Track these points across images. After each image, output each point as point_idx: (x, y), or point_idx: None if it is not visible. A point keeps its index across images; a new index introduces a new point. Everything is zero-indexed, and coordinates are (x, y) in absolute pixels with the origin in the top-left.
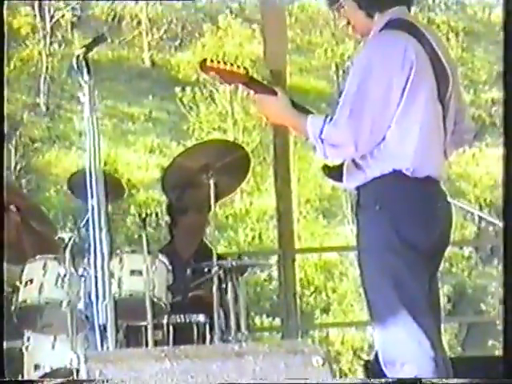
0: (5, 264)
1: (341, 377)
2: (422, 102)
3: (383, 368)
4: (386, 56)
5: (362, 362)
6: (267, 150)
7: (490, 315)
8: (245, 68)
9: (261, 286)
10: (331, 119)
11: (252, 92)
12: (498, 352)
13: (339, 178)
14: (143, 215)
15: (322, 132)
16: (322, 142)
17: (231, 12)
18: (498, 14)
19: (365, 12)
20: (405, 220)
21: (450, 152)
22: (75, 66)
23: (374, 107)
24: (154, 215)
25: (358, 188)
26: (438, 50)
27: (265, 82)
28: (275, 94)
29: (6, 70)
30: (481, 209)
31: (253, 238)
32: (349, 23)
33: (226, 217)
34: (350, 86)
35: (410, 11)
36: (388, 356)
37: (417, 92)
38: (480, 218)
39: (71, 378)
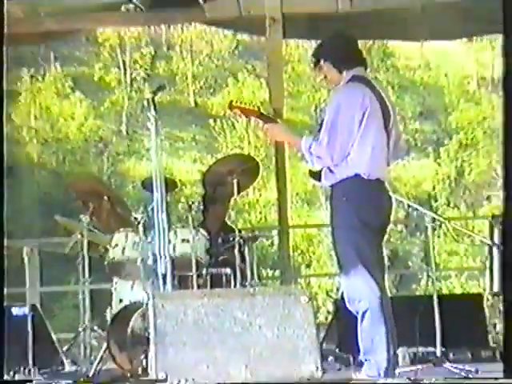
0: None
1: (318, 309)
2: (374, 131)
3: (346, 304)
4: (350, 101)
5: (332, 300)
6: (270, 161)
7: (414, 268)
8: (258, 107)
9: (266, 250)
10: (317, 140)
11: (261, 122)
12: (418, 292)
13: (319, 179)
14: (189, 203)
15: (310, 148)
16: (311, 154)
17: (247, 71)
18: (419, 75)
19: (337, 69)
20: (363, 207)
21: (391, 162)
22: (146, 105)
23: (342, 134)
24: (196, 203)
25: (331, 186)
26: (384, 97)
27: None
28: (277, 122)
29: (101, 108)
30: (408, 199)
31: (261, 219)
32: (325, 77)
33: (243, 204)
34: (326, 120)
35: (366, 70)
36: (350, 296)
37: (370, 124)
38: (408, 205)
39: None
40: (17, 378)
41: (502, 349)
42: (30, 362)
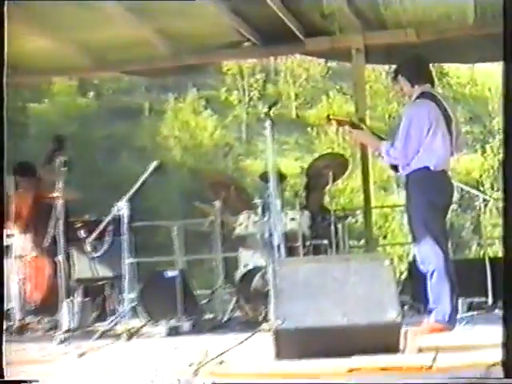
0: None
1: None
2: (439, 135)
3: (419, 265)
4: (420, 116)
5: (406, 263)
6: (355, 158)
7: (466, 238)
8: (350, 118)
9: (353, 226)
10: (393, 145)
11: (350, 129)
12: (471, 256)
13: (397, 170)
14: (296, 191)
15: (388, 152)
16: (389, 156)
17: (336, 90)
18: (469, 89)
19: (410, 84)
20: (430, 191)
21: (456, 154)
22: (262, 118)
23: (413, 142)
24: (300, 191)
25: (406, 175)
26: (446, 106)
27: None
28: (363, 129)
29: (226, 121)
30: (466, 185)
31: (348, 202)
32: (401, 89)
33: (335, 191)
34: (401, 130)
35: (433, 86)
36: (421, 259)
37: (436, 131)
38: (461, 189)
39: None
40: (172, 323)
41: None
42: (179, 312)
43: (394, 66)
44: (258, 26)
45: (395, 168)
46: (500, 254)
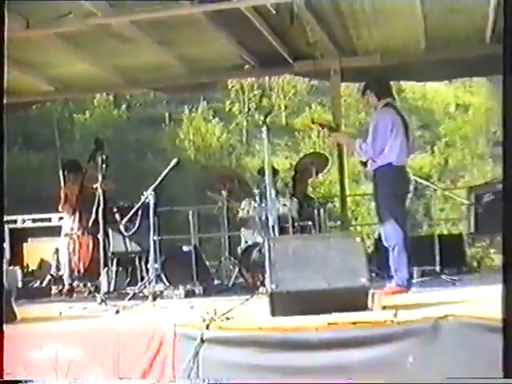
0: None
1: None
2: (400, 137)
3: (383, 241)
4: (385, 119)
5: (372, 239)
6: (333, 156)
7: (419, 220)
8: (330, 122)
9: (331, 210)
10: (364, 141)
11: (330, 131)
12: (423, 234)
13: (366, 166)
14: (286, 182)
15: (361, 146)
16: (361, 150)
17: (318, 103)
18: (421, 102)
19: (377, 97)
20: (394, 183)
21: (410, 155)
22: (259, 125)
23: (380, 138)
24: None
25: (374, 170)
26: (404, 115)
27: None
28: (339, 131)
29: (230, 127)
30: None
31: (328, 191)
32: (368, 102)
33: (317, 183)
34: (371, 129)
35: (394, 100)
36: (385, 236)
37: (397, 133)
38: (416, 181)
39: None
40: (188, 287)
41: (472, 266)
42: (194, 278)
43: (363, 84)
44: (257, 52)
45: (364, 164)
46: (445, 232)
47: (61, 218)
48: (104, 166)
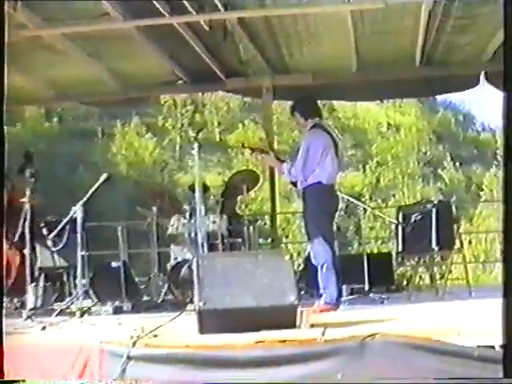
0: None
1: (291, 258)
2: (330, 157)
3: (312, 259)
4: (315, 142)
5: (303, 258)
6: (265, 174)
7: (349, 238)
8: (259, 146)
9: (263, 226)
10: (293, 165)
11: (260, 154)
12: (353, 252)
13: (295, 185)
14: (216, 199)
15: (290, 171)
16: (290, 174)
17: (250, 119)
18: (353, 121)
19: (304, 118)
20: (322, 201)
21: (340, 172)
22: (191, 141)
23: (310, 162)
24: (220, 200)
25: (303, 189)
26: (333, 135)
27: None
28: (269, 154)
29: (163, 143)
30: (350, 196)
31: (258, 208)
32: (297, 123)
33: (248, 200)
34: (300, 153)
35: (321, 119)
36: (314, 254)
37: (327, 153)
38: (347, 199)
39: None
40: (116, 303)
41: (401, 285)
42: (123, 294)
43: (291, 104)
44: (189, 68)
45: (294, 184)
46: (375, 251)
47: None
48: (32, 179)
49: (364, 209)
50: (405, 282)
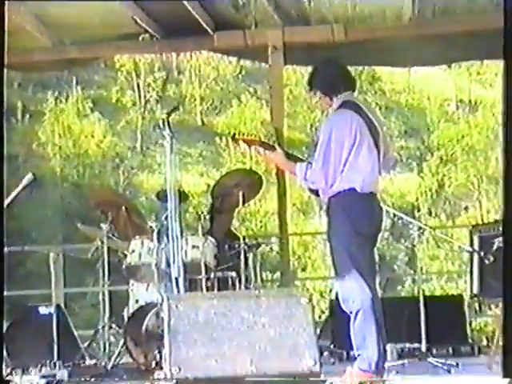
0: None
1: (310, 302)
2: (365, 150)
3: (341, 304)
4: (340, 128)
5: (326, 300)
6: (270, 174)
7: (399, 272)
8: (259, 136)
9: (267, 255)
10: (311, 167)
11: (262, 150)
12: (403, 294)
13: (317, 194)
14: (199, 213)
15: (306, 175)
16: (306, 180)
17: (249, 93)
18: (404, 97)
19: (327, 96)
20: (356, 218)
21: (383, 173)
22: (161, 125)
23: (334, 159)
24: (204, 213)
25: (328, 198)
26: (371, 117)
27: (271, 141)
28: (275, 149)
29: (117, 127)
30: (394, 209)
31: (261, 227)
32: (318, 102)
33: (245, 214)
34: (319, 148)
35: (354, 93)
36: (344, 297)
37: (361, 145)
38: (394, 214)
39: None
40: (43, 371)
41: (479, 345)
42: (55, 356)
43: (309, 72)
44: (159, 16)
45: (315, 191)
46: (437, 292)
47: None
48: None
49: (420, 229)
50: (484, 341)
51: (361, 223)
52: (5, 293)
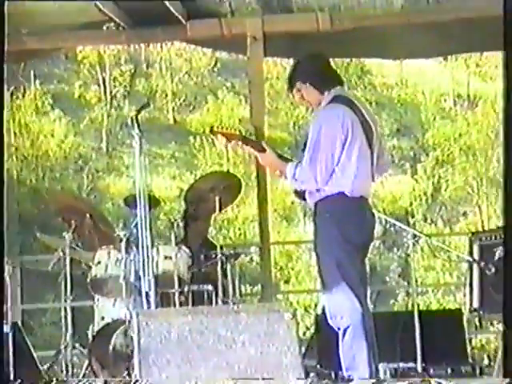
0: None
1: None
2: (357, 149)
3: (328, 319)
4: (331, 124)
5: (313, 316)
6: (249, 178)
7: (391, 284)
8: (240, 131)
9: (246, 266)
10: (300, 164)
11: (246, 147)
12: (395, 308)
13: (303, 198)
14: (172, 220)
15: (295, 175)
16: (296, 180)
17: (226, 88)
18: (397, 92)
19: (318, 91)
20: (346, 225)
21: (376, 177)
22: (129, 124)
23: (324, 157)
24: (177, 220)
25: (315, 203)
26: (365, 114)
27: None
28: (264, 148)
29: (81, 126)
30: (386, 215)
31: (240, 235)
32: (303, 99)
33: (222, 221)
34: (309, 144)
35: (344, 88)
36: (332, 312)
37: (353, 144)
38: (386, 221)
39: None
40: None
41: (481, 364)
42: (11, 379)
43: (290, 66)
44: (125, 3)
45: (301, 195)
46: (434, 306)
47: None
48: None
49: (415, 236)
50: (485, 360)
51: (350, 231)
52: None
